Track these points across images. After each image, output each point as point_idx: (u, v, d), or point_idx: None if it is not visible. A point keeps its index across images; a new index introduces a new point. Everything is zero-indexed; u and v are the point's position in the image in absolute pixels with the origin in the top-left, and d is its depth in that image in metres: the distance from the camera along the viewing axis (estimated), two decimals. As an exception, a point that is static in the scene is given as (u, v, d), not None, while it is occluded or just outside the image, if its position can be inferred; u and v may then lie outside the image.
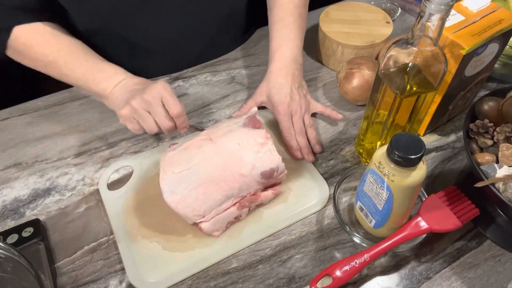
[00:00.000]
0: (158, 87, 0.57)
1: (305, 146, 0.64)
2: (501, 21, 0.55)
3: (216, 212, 0.53)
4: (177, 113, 0.58)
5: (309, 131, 0.66)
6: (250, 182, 0.54)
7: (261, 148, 0.54)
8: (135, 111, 0.57)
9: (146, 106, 0.56)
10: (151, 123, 0.57)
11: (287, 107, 0.64)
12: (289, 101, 0.64)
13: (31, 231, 0.54)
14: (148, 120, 0.57)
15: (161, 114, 0.57)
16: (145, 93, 0.56)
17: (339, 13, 0.80)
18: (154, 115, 0.57)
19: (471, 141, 0.55)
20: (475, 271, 0.53)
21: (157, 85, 0.57)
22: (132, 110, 0.57)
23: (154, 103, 0.56)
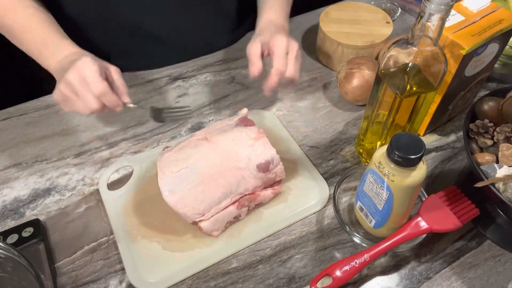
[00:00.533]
0: (79, 65, 0.53)
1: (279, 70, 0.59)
2: (501, 21, 0.55)
3: (216, 210, 0.53)
4: (98, 92, 0.53)
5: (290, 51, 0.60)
6: (248, 177, 0.54)
7: (255, 142, 0.55)
8: (64, 95, 0.54)
9: (70, 87, 0.53)
10: (80, 106, 0.54)
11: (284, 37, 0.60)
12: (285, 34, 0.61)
13: (31, 231, 0.54)
14: (76, 102, 0.54)
15: (85, 96, 0.53)
16: (67, 74, 0.53)
17: (339, 13, 0.80)
18: (80, 97, 0.53)
19: (471, 141, 0.55)
20: (475, 271, 0.53)
21: (78, 64, 0.53)
22: (61, 94, 0.54)
23: (77, 84, 0.52)
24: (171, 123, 0.61)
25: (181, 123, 0.70)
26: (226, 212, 0.54)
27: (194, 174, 0.52)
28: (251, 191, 0.55)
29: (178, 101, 0.74)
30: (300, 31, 0.88)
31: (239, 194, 0.54)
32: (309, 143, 0.67)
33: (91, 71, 0.53)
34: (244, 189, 0.54)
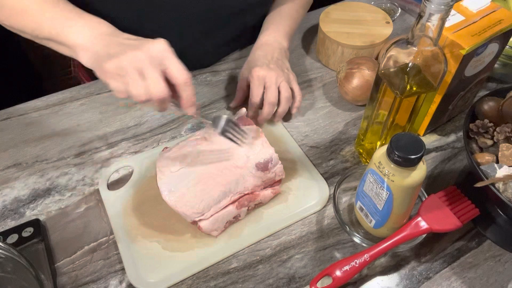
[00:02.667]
0: (159, 44, 0.46)
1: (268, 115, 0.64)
2: (501, 21, 0.55)
3: (215, 210, 0.53)
4: (182, 79, 0.46)
5: (283, 102, 0.64)
6: (247, 175, 0.54)
7: (254, 141, 0.55)
8: (122, 68, 0.45)
9: (139, 65, 0.45)
10: (140, 88, 0.45)
11: (261, 71, 0.63)
12: (266, 68, 0.63)
13: (31, 231, 0.54)
14: (137, 82, 0.45)
15: (156, 79, 0.45)
16: (140, 49, 0.45)
17: (339, 13, 0.80)
18: (147, 77, 0.45)
19: (471, 141, 0.55)
20: (475, 271, 0.53)
21: (158, 42, 0.46)
22: (119, 66, 0.45)
23: (151, 63, 0.45)
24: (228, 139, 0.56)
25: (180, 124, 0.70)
26: (226, 211, 0.54)
27: (193, 174, 0.53)
28: (250, 190, 0.55)
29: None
30: (300, 31, 0.88)
31: (238, 193, 0.54)
32: (309, 143, 0.67)
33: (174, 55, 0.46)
34: (243, 188, 0.54)
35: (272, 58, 0.66)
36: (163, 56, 0.46)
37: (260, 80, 0.63)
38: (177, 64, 0.46)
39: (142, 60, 0.45)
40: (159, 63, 0.45)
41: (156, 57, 0.45)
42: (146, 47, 0.45)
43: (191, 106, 0.48)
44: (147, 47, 0.45)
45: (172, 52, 0.46)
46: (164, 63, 0.46)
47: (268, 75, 0.63)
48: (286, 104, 0.65)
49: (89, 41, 0.49)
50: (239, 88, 0.69)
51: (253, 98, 0.64)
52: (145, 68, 0.45)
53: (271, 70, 0.63)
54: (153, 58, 0.45)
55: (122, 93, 0.47)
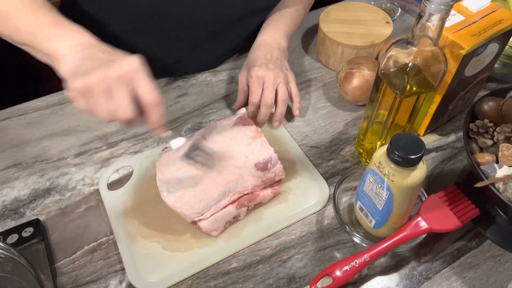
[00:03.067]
0: (131, 63, 0.44)
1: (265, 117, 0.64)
2: (501, 21, 0.55)
3: (215, 209, 0.53)
4: (151, 101, 0.44)
5: (279, 103, 0.64)
6: (246, 175, 0.54)
7: (253, 141, 0.55)
8: (89, 89, 0.43)
9: (107, 85, 0.43)
10: (106, 109, 0.43)
11: (260, 71, 0.63)
12: (264, 67, 0.63)
13: (31, 231, 0.54)
14: (103, 104, 0.43)
15: (122, 100, 0.43)
16: (110, 68, 0.43)
17: (339, 13, 0.80)
18: (114, 98, 0.43)
19: (471, 141, 0.55)
20: (475, 271, 0.53)
21: (130, 61, 0.44)
22: (86, 86, 0.43)
23: (119, 83, 0.43)
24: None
25: (179, 124, 0.70)
26: (225, 211, 0.54)
27: (192, 174, 0.53)
28: (250, 190, 0.55)
29: (178, 101, 0.74)
30: (300, 31, 0.88)
31: (238, 193, 0.54)
32: (309, 143, 0.67)
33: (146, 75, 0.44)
34: (243, 188, 0.54)
35: (271, 58, 0.66)
36: (133, 75, 0.44)
37: (259, 80, 0.63)
38: (147, 84, 0.44)
39: (110, 80, 0.43)
40: (129, 82, 0.44)
41: (126, 76, 0.43)
42: (117, 65, 0.44)
43: (158, 127, 0.47)
44: (118, 65, 0.44)
45: (143, 71, 0.44)
46: (133, 83, 0.44)
47: (267, 75, 0.63)
48: (283, 106, 0.65)
49: (64, 51, 0.47)
50: (240, 90, 0.69)
51: (252, 97, 0.64)
52: (113, 88, 0.43)
53: (269, 70, 0.64)
54: (123, 77, 0.43)
55: (87, 112, 0.45)
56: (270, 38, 0.70)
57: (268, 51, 0.67)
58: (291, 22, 0.73)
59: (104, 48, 0.47)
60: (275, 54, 0.67)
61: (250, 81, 0.65)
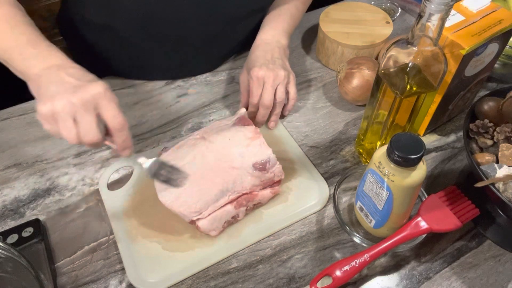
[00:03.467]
0: (96, 89, 0.46)
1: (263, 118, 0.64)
2: (501, 21, 0.55)
3: (213, 208, 0.53)
4: (117, 126, 0.46)
5: (276, 105, 0.65)
6: (244, 175, 0.54)
7: (251, 142, 0.55)
8: (55, 113, 0.45)
9: (72, 110, 0.45)
10: (72, 133, 0.45)
11: (260, 72, 0.63)
12: (264, 68, 0.63)
13: (31, 231, 0.54)
14: (69, 128, 0.45)
15: (88, 124, 0.45)
16: (75, 95, 0.45)
17: (339, 13, 0.80)
18: (79, 122, 0.45)
19: (471, 141, 0.55)
20: (475, 271, 0.53)
21: (95, 87, 0.46)
22: (52, 110, 0.45)
23: (83, 109, 0.45)
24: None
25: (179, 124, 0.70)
26: (224, 211, 0.54)
27: (189, 173, 0.52)
28: (248, 190, 0.55)
29: (178, 101, 0.74)
30: (300, 31, 0.88)
31: (236, 192, 0.54)
32: (309, 143, 0.67)
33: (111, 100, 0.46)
34: (241, 187, 0.54)
35: (272, 58, 0.66)
36: (99, 101, 0.46)
37: (259, 80, 0.63)
38: (112, 109, 0.46)
39: (76, 105, 0.45)
40: (94, 107, 0.45)
41: (91, 101, 0.45)
42: (83, 90, 0.45)
43: (125, 149, 0.49)
44: (83, 91, 0.45)
45: (108, 96, 0.46)
46: (99, 108, 0.46)
47: (267, 75, 0.63)
48: (279, 107, 0.65)
49: (35, 72, 0.49)
50: (243, 90, 0.69)
51: (252, 98, 0.64)
52: (78, 113, 0.45)
53: (270, 70, 0.63)
54: (88, 103, 0.45)
55: (56, 135, 0.47)
56: (270, 37, 0.69)
57: (269, 51, 0.67)
58: (290, 19, 0.72)
59: (74, 71, 0.49)
60: (276, 53, 0.67)
61: (250, 81, 0.65)
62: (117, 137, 0.48)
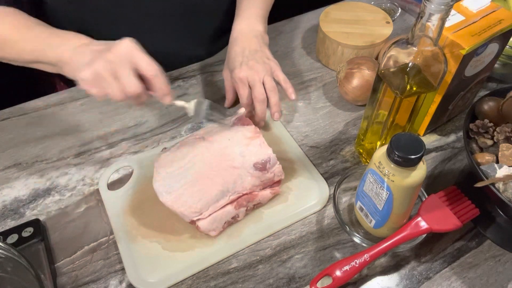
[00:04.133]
0: (125, 44, 0.49)
1: (262, 113, 0.63)
2: (501, 21, 0.55)
3: (213, 209, 0.53)
4: (152, 72, 0.49)
5: (270, 95, 0.63)
6: (244, 175, 0.54)
7: (251, 141, 0.55)
8: (97, 74, 0.48)
9: (111, 67, 0.48)
10: (116, 88, 0.48)
11: (241, 73, 0.63)
12: (245, 67, 0.63)
13: (31, 231, 0.54)
14: (113, 84, 0.48)
15: (128, 76, 0.48)
16: (109, 52, 0.48)
17: (339, 13, 0.80)
18: (120, 77, 0.48)
19: (471, 141, 0.55)
20: (475, 271, 0.53)
21: (124, 43, 0.49)
22: (94, 72, 0.48)
23: (121, 64, 0.48)
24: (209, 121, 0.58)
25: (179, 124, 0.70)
26: (224, 211, 0.54)
27: (189, 174, 0.53)
28: (248, 190, 0.55)
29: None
30: (300, 31, 0.88)
31: (236, 193, 0.54)
32: (309, 143, 0.67)
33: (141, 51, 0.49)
34: (241, 187, 0.54)
35: (250, 52, 0.65)
36: (131, 54, 0.48)
37: (243, 82, 0.63)
38: (145, 59, 0.49)
39: (112, 63, 0.48)
40: (129, 61, 0.48)
41: (124, 56, 0.48)
42: (114, 49, 0.48)
43: (166, 95, 0.51)
44: (115, 49, 0.48)
45: (138, 49, 0.49)
46: (133, 61, 0.48)
47: (249, 74, 0.62)
48: (275, 95, 0.63)
49: (68, 55, 0.52)
50: (227, 88, 0.69)
51: (242, 100, 0.64)
52: (117, 69, 0.48)
53: (250, 68, 0.63)
54: (122, 58, 0.48)
55: (103, 97, 0.50)
56: (245, 27, 0.68)
57: (246, 45, 0.66)
58: (263, 3, 0.71)
59: (101, 42, 0.52)
60: (253, 45, 0.66)
61: (235, 84, 0.64)
62: (156, 83, 0.50)
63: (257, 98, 0.62)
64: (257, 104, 0.63)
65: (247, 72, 0.62)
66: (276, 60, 0.66)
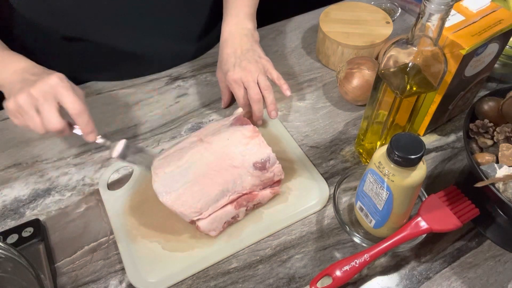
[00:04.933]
0: (52, 80, 0.50)
1: (259, 112, 0.64)
2: (501, 21, 0.55)
3: (213, 209, 0.53)
4: (76, 111, 0.51)
5: (265, 94, 0.64)
6: (244, 174, 0.54)
7: (250, 141, 0.55)
8: (19, 107, 0.50)
9: (33, 102, 0.49)
10: (37, 123, 0.50)
11: (235, 75, 0.63)
12: (238, 69, 0.63)
13: (31, 231, 0.54)
14: (34, 118, 0.50)
15: (49, 113, 0.50)
16: (34, 87, 0.49)
17: (339, 13, 0.80)
18: (42, 112, 0.50)
19: (471, 141, 0.55)
20: (475, 271, 0.53)
21: (51, 78, 0.50)
22: (16, 105, 0.50)
23: (42, 98, 0.49)
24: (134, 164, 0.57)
25: (179, 124, 0.70)
26: (224, 211, 0.54)
27: (189, 174, 0.53)
28: (248, 190, 0.55)
29: (178, 101, 0.74)
30: (300, 31, 0.88)
31: (236, 192, 0.54)
32: (309, 143, 0.67)
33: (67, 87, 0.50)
34: (241, 187, 0.54)
35: (242, 53, 0.65)
36: (56, 90, 0.50)
37: (237, 83, 0.63)
38: (70, 96, 0.50)
39: (35, 97, 0.49)
40: (54, 97, 0.50)
41: (49, 91, 0.50)
42: (40, 83, 0.50)
43: (89, 133, 0.53)
44: (41, 82, 0.50)
45: (65, 85, 0.51)
46: (58, 97, 0.50)
47: (243, 75, 0.63)
48: (269, 94, 0.64)
49: (4, 78, 0.53)
50: (222, 90, 0.70)
51: (238, 101, 0.65)
52: (40, 104, 0.50)
53: (244, 69, 0.63)
54: (47, 94, 0.50)
55: (26, 127, 0.52)
56: (234, 27, 0.68)
57: (237, 45, 0.66)
58: (249, 1, 0.70)
59: (36, 70, 0.54)
60: (244, 45, 0.66)
61: (230, 86, 0.65)
62: (79, 122, 0.52)
63: (253, 98, 0.63)
64: (253, 104, 0.63)
65: (241, 74, 0.63)
66: (268, 57, 0.66)
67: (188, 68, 0.80)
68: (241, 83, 0.63)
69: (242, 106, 0.64)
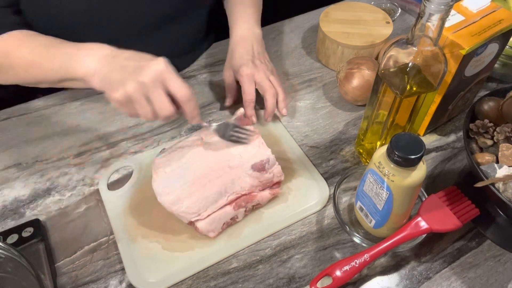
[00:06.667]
0: (158, 65, 0.48)
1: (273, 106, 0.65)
2: (501, 21, 0.55)
3: (212, 209, 0.53)
4: (185, 97, 0.49)
5: (278, 90, 0.66)
6: (242, 176, 0.54)
7: (250, 142, 0.55)
8: (129, 96, 0.48)
9: (144, 90, 0.48)
10: (148, 111, 0.49)
11: (249, 70, 0.65)
12: (252, 65, 0.65)
13: (31, 231, 0.54)
14: (145, 107, 0.49)
15: (160, 100, 0.48)
16: (141, 74, 0.48)
17: (339, 13, 0.80)
18: (153, 100, 0.49)
19: (471, 141, 0.55)
20: (475, 271, 0.53)
21: (156, 64, 0.48)
22: (126, 95, 0.48)
23: (154, 86, 0.48)
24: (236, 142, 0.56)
25: (180, 124, 0.70)
26: (223, 212, 0.54)
27: (187, 174, 0.53)
28: (247, 191, 0.55)
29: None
30: (300, 31, 0.88)
31: (235, 193, 0.54)
32: (309, 143, 0.67)
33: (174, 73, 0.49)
34: (240, 188, 0.54)
35: (254, 53, 0.68)
36: (164, 76, 0.48)
37: (250, 78, 0.65)
38: (178, 82, 0.49)
39: (146, 85, 0.48)
40: (161, 83, 0.48)
41: (157, 78, 0.48)
42: (147, 70, 0.48)
43: (195, 117, 0.52)
44: (148, 70, 0.48)
45: (171, 70, 0.49)
46: (165, 83, 0.49)
47: (256, 72, 0.65)
48: (273, 97, 0.65)
49: (94, 67, 0.51)
50: (230, 87, 0.71)
51: (248, 96, 0.65)
52: (150, 92, 0.48)
53: (257, 67, 0.66)
54: (155, 81, 0.48)
55: (134, 115, 0.51)
56: (245, 31, 0.71)
57: (250, 47, 0.69)
58: (255, 9, 0.74)
59: (128, 55, 0.51)
60: (256, 48, 0.69)
61: (241, 80, 0.66)
62: (186, 107, 0.50)
63: (269, 91, 0.65)
64: (268, 98, 0.65)
65: (254, 70, 0.65)
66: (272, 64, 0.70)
67: (188, 68, 0.80)
68: (253, 79, 0.65)
69: (249, 101, 0.65)
